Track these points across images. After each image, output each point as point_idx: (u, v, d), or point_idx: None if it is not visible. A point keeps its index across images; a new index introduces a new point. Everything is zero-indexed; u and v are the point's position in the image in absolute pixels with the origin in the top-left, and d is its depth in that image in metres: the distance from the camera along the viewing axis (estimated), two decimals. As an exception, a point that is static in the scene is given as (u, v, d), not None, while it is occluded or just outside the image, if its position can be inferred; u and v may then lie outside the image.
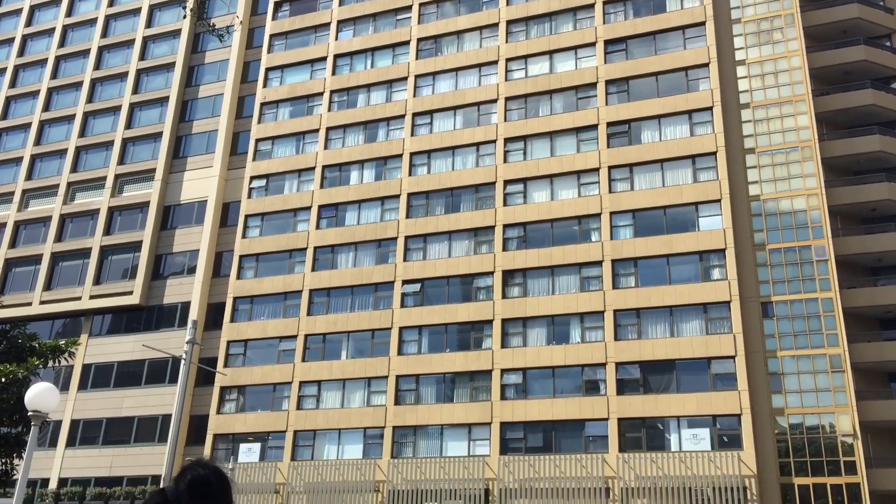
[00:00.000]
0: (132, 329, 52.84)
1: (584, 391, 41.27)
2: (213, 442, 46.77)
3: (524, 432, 41.53)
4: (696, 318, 40.71)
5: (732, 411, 38.10)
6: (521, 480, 39.79)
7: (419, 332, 45.70)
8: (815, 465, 37.23)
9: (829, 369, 38.55)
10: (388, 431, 43.57)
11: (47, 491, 49.39)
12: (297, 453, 45.04)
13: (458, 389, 43.94)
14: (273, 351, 48.29)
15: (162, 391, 49.33)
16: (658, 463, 38.03)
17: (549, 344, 42.77)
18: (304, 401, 46.32)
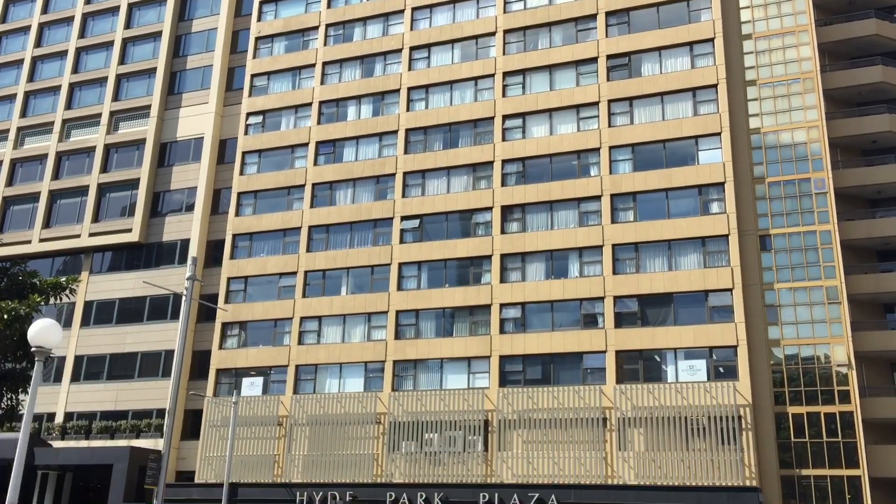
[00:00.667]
0: (132, 266, 53.06)
1: (582, 324, 41.67)
2: (215, 376, 47.42)
3: (523, 365, 42.09)
4: (695, 252, 40.87)
5: (729, 343, 38.56)
6: (519, 412, 40.48)
7: (418, 268, 45.92)
8: (809, 394, 37.85)
9: (825, 301, 38.88)
10: (389, 365, 44.14)
11: (54, 424, 50.27)
12: (299, 387, 45.72)
13: (457, 324, 44.36)
14: (273, 287, 48.59)
15: (164, 327, 49.82)
16: (655, 394, 38.65)
17: (547, 278, 43.02)
18: (305, 336, 46.79)
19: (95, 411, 50.18)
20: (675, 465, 37.29)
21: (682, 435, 37.62)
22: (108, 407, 49.94)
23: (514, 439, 40.34)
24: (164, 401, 46.53)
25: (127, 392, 49.81)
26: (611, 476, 38.21)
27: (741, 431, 36.98)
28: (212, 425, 45.94)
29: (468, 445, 41.05)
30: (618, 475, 38.11)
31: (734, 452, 36.65)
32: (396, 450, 42.05)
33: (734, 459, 36.55)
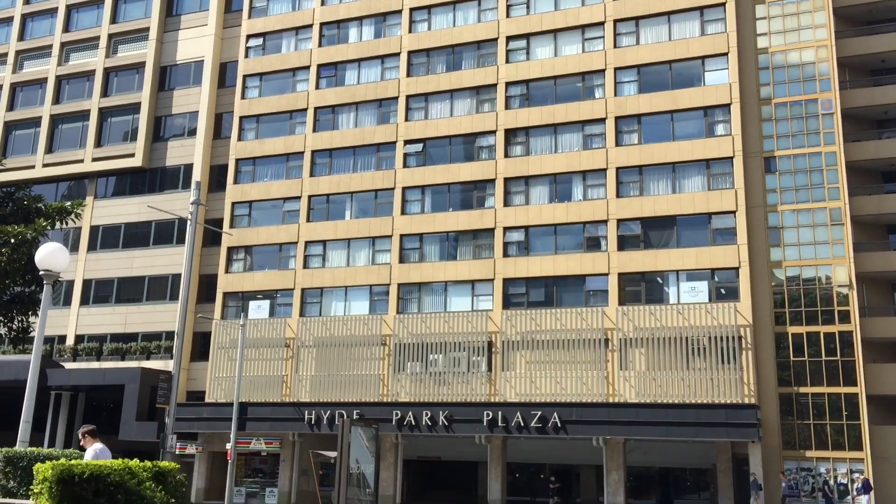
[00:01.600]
0: (137, 191, 53.15)
1: (585, 247, 41.90)
2: (223, 300, 48.00)
3: (526, 287, 42.49)
4: (699, 175, 40.78)
5: (731, 265, 38.82)
6: (522, 333, 41.06)
7: (422, 192, 45.94)
8: (809, 314, 38.28)
9: (828, 222, 38.97)
10: (394, 288, 44.59)
11: (65, 347, 51.17)
12: (305, 310, 46.30)
13: (461, 247, 44.63)
14: (278, 212, 48.74)
15: (170, 251, 50.19)
16: (656, 315, 39.11)
17: (551, 202, 43.07)
18: (311, 260, 47.16)
19: (105, 334, 51.01)
20: (676, 383, 38.00)
21: (683, 355, 38.22)
22: (117, 329, 50.74)
23: (517, 360, 41.03)
24: (173, 323, 47.20)
25: (136, 315, 50.53)
26: (612, 395, 38.98)
27: (741, 351, 37.54)
28: (220, 347, 46.72)
29: (472, 366, 41.78)
30: (619, 394, 38.87)
31: (734, 371, 37.29)
32: (402, 370, 42.83)
33: (733, 378, 37.22)
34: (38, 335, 14.79)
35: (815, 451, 36.83)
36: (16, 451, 11.70)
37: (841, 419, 36.76)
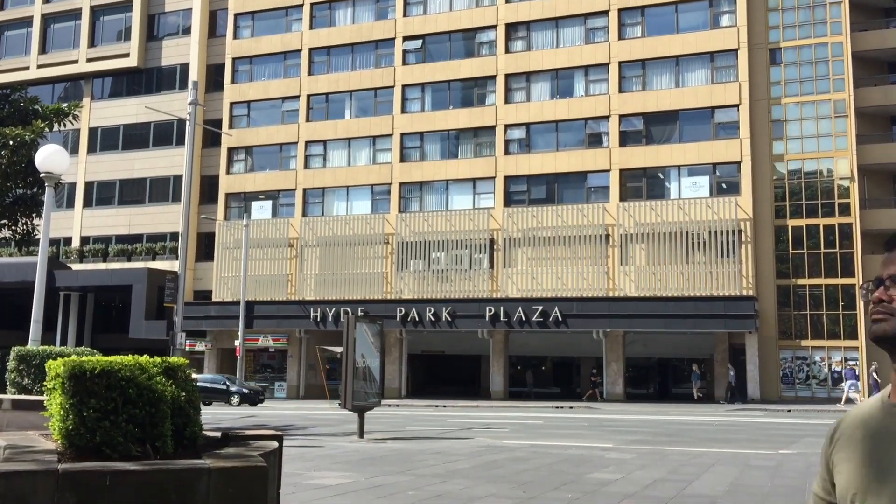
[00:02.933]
0: (133, 92, 52.56)
1: (586, 144, 41.70)
2: (225, 200, 48.19)
3: (527, 185, 42.53)
4: (702, 68, 40.17)
5: (733, 159, 38.72)
6: (524, 230, 41.36)
7: (422, 90, 45.40)
8: (809, 207, 38.42)
9: (832, 114, 38.61)
10: (395, 187, 44.66)
11: (71, 248, 51.74)
12: (308, 210, 46.53)
13: (462, 145, 44.43)
14: (277, 111, 48.33)
15: (170, 153, 50.04)
16: (657, 210, 39.27)
17: (552, 98, 42.61)
18: (311, 160, 47.06)
19: (110, 235, 51.46)
20: (675, 277, 38.52)
21: (683, 249, 38.59)
22: (122, 231, 51.15)
23: (518, 257, 41.48)
24: (177, 224, 47.48)
25: (140, 217, 50.84)
26: (612, 289, 39.58)
27: (741, 245, 37.88)
28: (225, 247, 47.21)
29: (474, 263, 42.28)
30: (619, 288, 39.47)
31: (733, 265, 37.73)
32: (405, 268, 43.38)
33: (733, 271, 37.69)
34: (44, 236, 15.00)
35: (810, 341, 37.66)
36: (28, 350, 12.12)
37: (837, 310, 37.43)
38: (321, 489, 10.51)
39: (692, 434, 20.91)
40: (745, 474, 12.47)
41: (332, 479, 11.44)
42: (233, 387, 37.72)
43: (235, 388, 37.65)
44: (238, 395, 37.25)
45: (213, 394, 37.04)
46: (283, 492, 8.25)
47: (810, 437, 20.00)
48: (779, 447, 17.08)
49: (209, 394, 36.76)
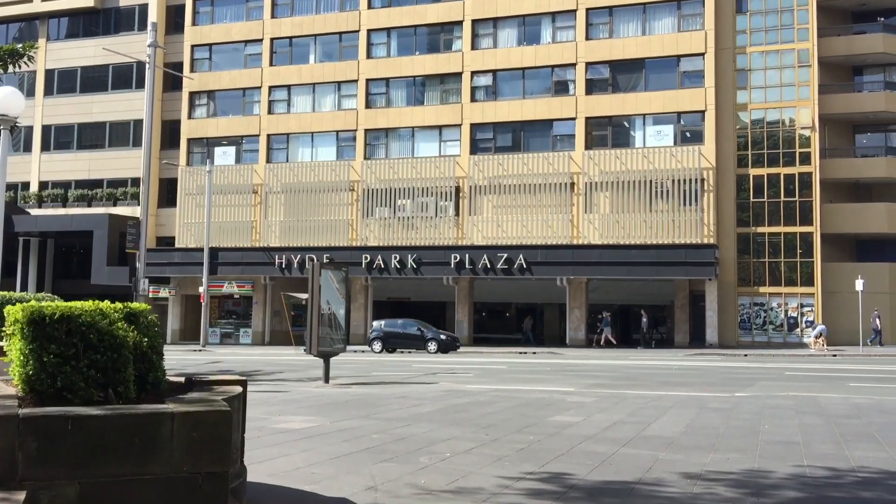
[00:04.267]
0: (91, 33, 51.09)
1: (553, 91, 41.59)
2: (187, 146, 47.43)
3: (493, 132, 42.42)
4: (669, 16, 40.07)
5: (697, 108, 38.91)
6: (490, 178, 41.37)
7: (388, 35, 44.76)
8: (771, 156, 38.89)
9: (795, 64, 38.87)
10: (360, 134, 44.28)
11: (29, 193, 50.72)
12: (272, 156, 46.02)
13: (428, 92, 44.06)
14: (240, 55, 47.39)
15: (130, 96, 48.89)
16: (622, 159, 39.48)
17: (519, 45, 42.30)
18: (275, 105, 46.38)
19: (70, 180, 50.48)
20: (638, 225, 38.93)
21: (647, 197, 38.94)
22: (82, 176, 50.19)
23: (484, 204, 41.56)
24: (138, 170, 46.60)
25: (99, 161, 49.87)
26: (576, 237, 39.92)
27: (703, 193, 38.32)
28: (188, 193, 46.63)
29: (440, 211, 42.30)
30: (583, 236, 39.82)
31: (695, 213, 38.21)
32: (370, 215, 43.28)
33: (694, 219, 38.19)
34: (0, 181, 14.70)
35: (768, 288, 38.48)
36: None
37: (795, 257, 38.20)
38: (286, 433, 10.64)
39: (652, 378, 21.41)
40: (701, 416, 12.84)
41: (298, 424, 11.58)
42: (428, 333, 35.88)
43: (431, 335, 35.76)
44: (435, 341, 35.35)
45: (406, 340, 35.95)
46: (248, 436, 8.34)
47: (765, 380, 20.58)
48: (735, 390, 17.57)
49: (402, 340, 35.80)
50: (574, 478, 7.88)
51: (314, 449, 9.44)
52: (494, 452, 9.27)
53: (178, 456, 5.06)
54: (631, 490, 7.39)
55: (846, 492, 7.42)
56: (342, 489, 7.28)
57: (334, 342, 19.52)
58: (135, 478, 4.97)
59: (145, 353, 6.00)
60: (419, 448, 9.52)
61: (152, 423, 5.06)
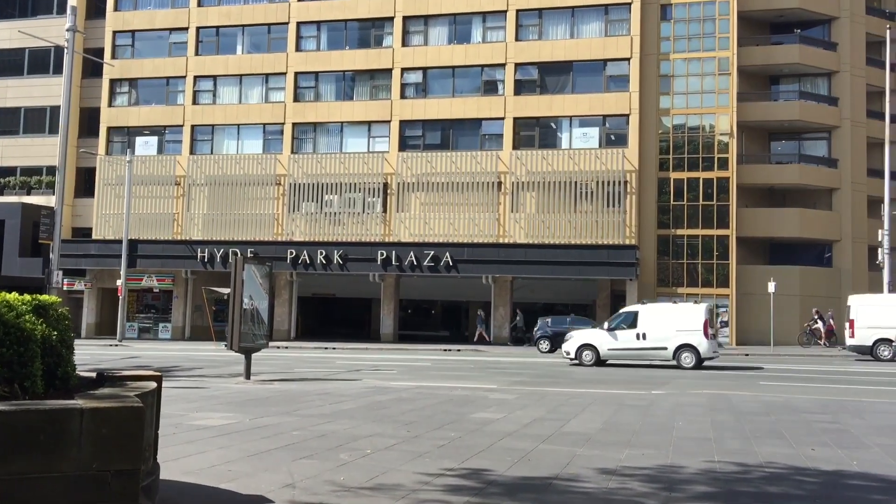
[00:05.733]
0: (6, 15, 49.01)
1: (482, 91, 41.87)
2: (107, 134, 46.03)
3: (422, 130, 42.47)
4: (597, 20, 40.78)
5: (622, 111, 39.72)
6: (418, 175, 41.40)
7: (318, 28, 44.34)
8: (691, 161, 39.99)
9: (716, 72, 40.05)
10: (288, 127, 43.75)
11: (-63, 181, 48.47)
12: (196, 147, 45.05)
13: (358, 87, 43.83)
14: (164, 43, 46.24)
15: (47, 82, 47.12)
16: (548, 159, 40.02)
17: (450, 43, 42.44)
18: (200, 95, 45.42)
19: (-21, 167, 48.41)
20: (563, 226, 39.53)
21: (571, 198, 39.57)
22: (-7, 163, 48.19)
23: (412, 201, 41.56)
24: (54, 158, 44.97)
25: (13, 148, 47.94)
26: (502, 235, 40.29)
27: (626, 195, 39.16)
28: (106, 183, 45.26)
29: (367, 207, 42.12)
30: (509, 235, 40.21)
31: (618, 214, 39.02)
32: (296, 210, 42.79)
33: (617, 221, 38.99)
34: None
35: (686, 288, 39.54)
36: None
37: (712, 259, 39.38)
38: (204, 430, 10.45)
39: (572, 376, 21.77)
40: (618, 413, 13.13)
41: (216, 420, 11.38)
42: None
43: None
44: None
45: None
46: (165, 433, 8.17)
47: (680, 378, 21.16)
48: (651, 388, 18.02)
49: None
50: (493, 474, 7.96)
51: (232, 446, 9.30)
52: (415, 449, 9.29)
53: (87, 453, 4.93)
54: (548, 485, 7.51)
55: (754, 486, 7.69)
56: (259, 487, 7.19)
57: (256, 338, 19.24)
58: (41, 475, 4.82)
59: (54, 347, 5.82)
60: (340, 445, 9.47)
61: (60, 419, 4.90)
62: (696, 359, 25.17)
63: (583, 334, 27.07)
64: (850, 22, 41.91)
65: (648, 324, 25.82)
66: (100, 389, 5.89)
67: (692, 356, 25.19)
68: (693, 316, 25.60)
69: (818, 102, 41.86)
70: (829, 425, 11.98)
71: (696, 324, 25.38)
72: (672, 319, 25.76)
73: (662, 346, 25.60)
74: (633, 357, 26.22)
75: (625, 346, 26.03)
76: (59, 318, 6.11)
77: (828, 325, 37.38)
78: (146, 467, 5.68)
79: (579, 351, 26.30)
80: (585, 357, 26.15)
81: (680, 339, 25.40)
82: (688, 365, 25.08)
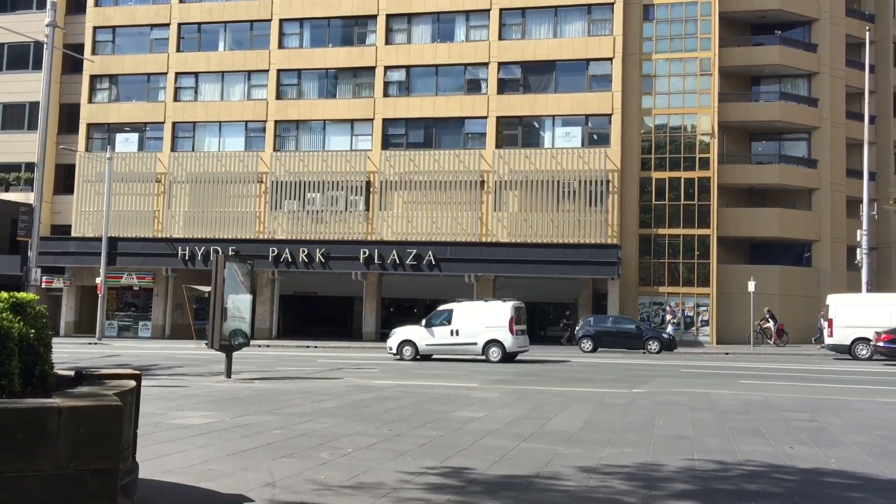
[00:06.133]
0: (-16, 10, 48.50)
1: (465, 90, 41.87)
2: (87, 131, 45.64)
3: (405, 128, 42.42)
4: (580, 20, 40.90)
5: (604, 111, 39.86)
6: (401, 173, 41.35)
7: (300, 25, 44.17)
8: (672, 161, 40.20)
9: (698, 72, 40.28)
10: (270, 125, 43.56)
11: (-88, 177, 47.85)
12: (177, 144, 44.75)
13: (340, 85, 43.72)
14: (145, 39, 45.90)
15: (26, 77, 46.62)
16: (531, 158, 40.09)
17: (433, 42, 42.41)
18: (182, 92, 45.12)
19: (-41, 163, 47.85)
20: (546, 224, 39.62)
21: (554, 197, 39.66)
22: (-28, 159, 47.63)
23: (394, 200, 41.51)
24: (33, 154, 44.47)
25: (-9, 144, 47.44)
26: (485, 234, 40.33)
27: (608, 195, 39.30)
28: (86, 180, 44.88)
29: (350, 205, 42.03)
30: (492, 234, 40.25)
31: (600, 214, 39.16)
32: (279, 208, 42.63)
33: (599, 220, 39.13)
34: None
35: (667, 287, 39.77)
36: None
37: (693, 259, 39.61)
38: (183, 429, 10.39)
39: (553, 374, 21.83)
40: (599, 412, 13.18)
41: (196, 419, 11.32)
42: (648, 332, 33.25)
43: (651, 334, 33.00)
44: (657, 340, 32.43)
45: (620, 338, 33.04)
46: (144, 432, 8.13)
47: (661, 377, 21.28)
48: (633, 387, 18.10)
49: (616, 338, 32.95)
50: (474, 472, 7.97)
51: (212, 445, 9.25)
52: (396, 448, 9.28)
53: (65, 452, 4.88)
54: (529, 484, 7.53)
55: (733, 484, 7.75)
56: (239, 486, 7.16)
57: (237, 336, 19.15)
58: (19, 474, 4.77)
59: (32, 345, 5.77)
60: (321, 444, 9.45)
61: (37, 417, 4.86)
62: (502, 353, 26.69)
63: (404, 331, 28.46)
64: (829, 23, 42.29)
65: (461, 321, 27.28)
66: (78, 388, 5.84)
67: (499, 351, 26.73)
68: (500, 313, 26.95)
69: (798, 103, 42.21)
70: (808, 423, 12.08)
71: (502, 321, 26.82)
72: (482, 317, 27.16)
73: (473, 341, 27.08)
74: (448, 352, 27.62)
75: (441, 341, 27.48)
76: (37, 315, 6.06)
77: (778, 325, 37.74)
78: (125, 466, 5.64)
79: (400, 346, 27.74)
80: (406, 352, 27.60)
81: (488, 335, 26.83)
82: (495, 359, 26.54)
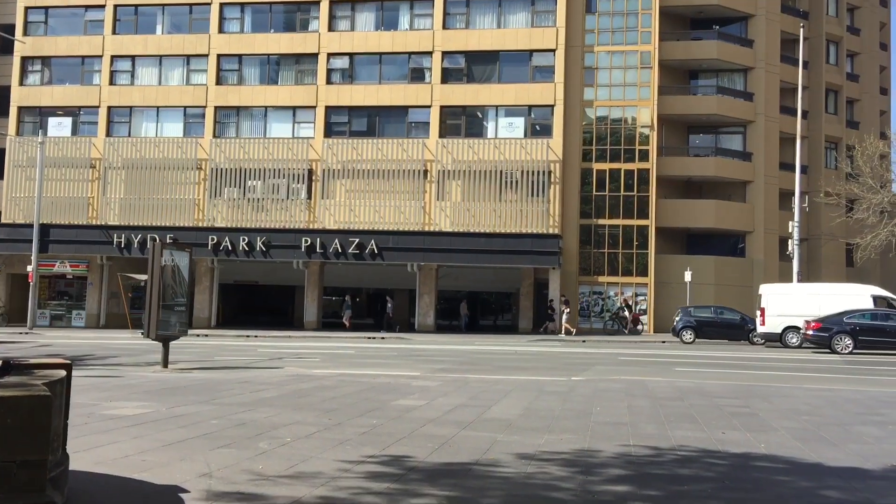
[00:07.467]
0: None
1: (409, 78, 41.74)
2: (17, 115, 44.20)
3: (349, 116, 42.13)
4: (523, 11, 41.09)
5: (547, 102, 40.18)
6: (343, 162, 41.07)
7: (241, 10, 43.46)
8: (613, 152, 40.79)
9: (638, 65, 40.88)
10: (210, 111, 42.81)
11: None
12: (113, 129, 43.67)
13: (283, 72, 43.18)
14: (79, 21, 44.60)
15: (-48, 58, 45.02)
16: (474, 148, 40.21)
17: (377, 29, 42.15)
18: (118, 76, 44.02)
19: None
20: (488, 214, 39.82)
21: (497, 187, 39.88)
22: None
23: (337, 188, 41.23)
24: (-40, 139, 43.16)
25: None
26: (428, 224, 40.35)
27: (549, 185, 39.68)
28: (17, 165, 43.50)
29: (292, 193, 41.60)
30: (435, 223, 40.29)
31: (542, 204, 39.52)
32: (218, 195, 41.96)
33: (541, 210, 39.49)
34: None
35: (606, 277, 40.39)
36: None
37: (632, 249, 40.30)
38: (117, 419, 10.18)
39: (494, 363, 21.99)
40: (539, 399, 13.32)
41: (130, 410, 11.10)
42: (751, 324, 32.27)
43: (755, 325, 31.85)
44: (762, 334, 31.22)
45: (723, 329, 32.33)
46: (76, 423, 7.93)
47: (600, 365, 21.61)
48: (571, 374, 18.34)
49: (719, 329, 32.14)
50: (414, 460, 7.99)
51: (146, 436, 9.08)
52: (336, 437, 9.25)
53: (-10, 444, 4.74)
54: (468, 471, 7.58)
55: (666, 469, 7.92)
56: (174, 476, 7.05)
57: (175, 325, 18.81)
58: (-60, 467, 4.62)
59: (-45, 335, 5.58)
60: (259, 433, 9.36)
61: (-40, 408, 4.70)
62: None
63: None
64: (765, 20, 43.33)
65: None
66: (5, 378, 5.67)
67: None
68: None
69: (735, 97, 43.20)
70: (739, 409, 12.41)
71: None
72: None
73: None
74: None
75: None
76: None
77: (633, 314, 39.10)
78: (54, 458, 5.50)
79: None
80: None
81: None
82: None
